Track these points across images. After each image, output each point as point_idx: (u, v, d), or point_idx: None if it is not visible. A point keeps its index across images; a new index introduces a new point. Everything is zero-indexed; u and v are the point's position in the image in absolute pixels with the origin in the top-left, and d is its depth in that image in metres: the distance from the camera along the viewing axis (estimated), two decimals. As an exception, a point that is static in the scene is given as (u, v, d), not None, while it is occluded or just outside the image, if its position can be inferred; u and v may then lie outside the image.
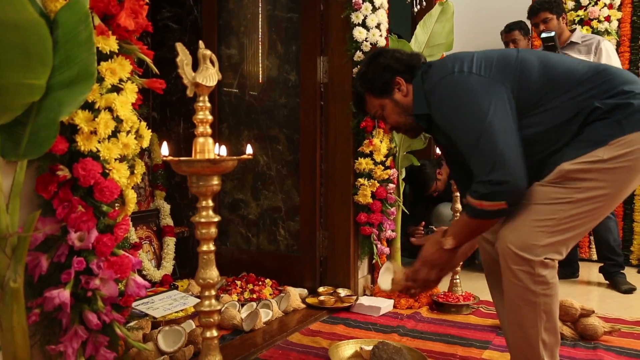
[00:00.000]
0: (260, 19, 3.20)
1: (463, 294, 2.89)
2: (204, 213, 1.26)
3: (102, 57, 1.41)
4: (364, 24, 2.85)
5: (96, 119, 1.38)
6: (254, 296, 2.84)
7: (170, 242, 3.18)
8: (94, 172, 1.38)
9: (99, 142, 1.40)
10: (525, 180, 1.52)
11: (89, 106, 1.38)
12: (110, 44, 1.41)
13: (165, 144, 1.29)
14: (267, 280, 3.00)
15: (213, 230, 1.27)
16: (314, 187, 3.03)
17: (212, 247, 1.27)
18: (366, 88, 1.86)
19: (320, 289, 2.97)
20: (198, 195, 1.29)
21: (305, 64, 3.02)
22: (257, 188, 3.25)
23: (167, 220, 3.22)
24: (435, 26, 2.98)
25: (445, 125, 1.66)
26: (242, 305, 2.73)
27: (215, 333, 1.45)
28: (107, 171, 1.42)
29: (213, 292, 1.33)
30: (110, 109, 1.41)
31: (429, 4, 3.70)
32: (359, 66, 1.90)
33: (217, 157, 1.23)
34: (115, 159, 1.44)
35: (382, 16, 2.91)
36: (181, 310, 2.61)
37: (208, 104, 1.31)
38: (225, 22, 3.27)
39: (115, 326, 1.45)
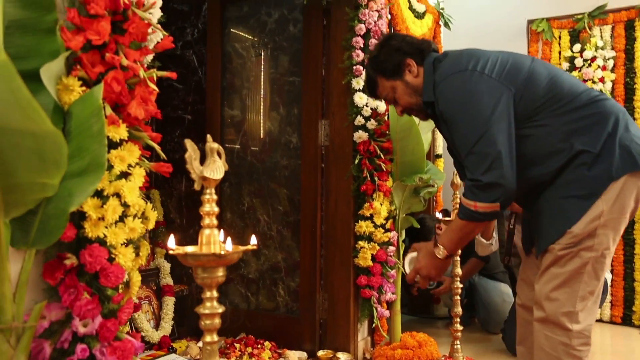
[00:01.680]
0: (262, 82, 3.28)
1: (464, 359, 2.88)
2: (208, 304, 1.28)
3: (112, 144, 1.46)
4: (364, 90, 2.93)
5: (104, 206, 1.42)
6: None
7: (169, 302, 3.18)
8: (100, 258, 1.41)
9: (106, 227, 1.43)
10: (515, 186, 1.59)
11: (97, 193, 1.42)
12: (120, 132, 1.45)
13: (172, 237, 1.31)
14: (266, 343, 2.99)
15: (217, 321, 1.29)
16: (315, 248, 3.04)
17: (215, 338, 1.29)
18: (378, 70, 1.95)
19: (320, 353, 2.95)
20: (203, 286, 1.31)
21: (306, 126, 3.08)
22: (257, 247, 3.26)
23: (167, 280, 3.22)
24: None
25: (447, 118, 1.71)
26: (241, 370, 2.71)
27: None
28: (113, 256, 1.45)
29: (216, 382, 1.34)
30: (118, 195, 1.45)
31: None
32: (371, 51, 2.07)
33: (223, 252, 1.25)
34: (122, 244, 1.47)
35: (382, 82, 2.98)
36: (179, 377, 2.59)
37: (215, 196, 1.34)
38: (229, 83, 3.35)
39: (116, 412, 1.45)
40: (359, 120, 2.92)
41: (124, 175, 1.49)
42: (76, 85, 1.38)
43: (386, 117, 3.00)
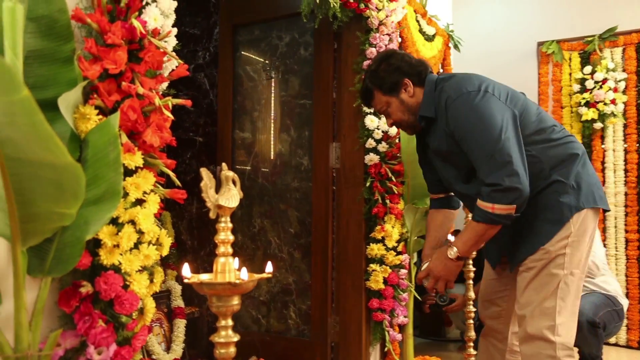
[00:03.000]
0: (273, 104, 3.30)
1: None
2: (223, 333, 1.28)
3: (128, 172, 1.47)
4: (375, 113, 2.94)
5: (119, 233, 1.43)
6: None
7: (180, 325, 3.16)
8: (115, 286, 1.41)
9: (121, 254, 1.44)
10: (529, 191, 1.73)
11: (113, 221, 1.43)
12: (135, 160, 1.47)
13: (186, 266, 1.32)
14: (278, 367, 2.97)
15: (232, 349, 1.29)
16: (326, 271, 3.03)
17: (230, 365, 1.29)
18: (376, 85, 2.03)
19: (332, 377, 2.92)
20: (218, 314, 1.31)
21: (317, 149, 3.09)
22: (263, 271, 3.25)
23: (178, 302, 3.22)
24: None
25: (460, 133, 1.83)
26: (252, 394, 2.69)
27: None
28: (127, 283, 1.45)
29: (231, 412, 1.33)
30: (133, 222, 1.46)
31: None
32: (370, 64, 2.10)
33: (238, 281, 1.25)
34: (137, 271, 1.47)
35: (393, 104, 2.99)
36: (190, 401, 2.57)
37: (230, 224, 1.35)
38: (240, 105, 3.38)
39: None
40: (370, 143, 2.93)
41: (139, 202, 1.50)
42: (93, 113, 1.40)
43: (397, 140, 3.00)
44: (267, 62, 3.32)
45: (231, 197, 1.33)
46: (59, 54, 1.43)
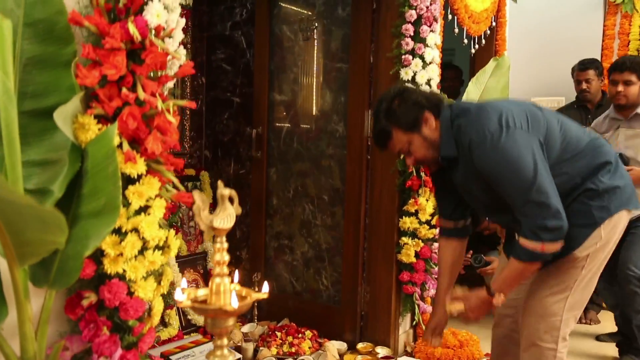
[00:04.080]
0: (310, 66, 3.18)
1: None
2: (218, 352, 1.28)
3: (130, 180, 1.45)
4: (413, 80, 2.78)
5: (122, 243, 1.42)
6: (293, 350, 2.87)
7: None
8: (119, 294, 1.43)
9: (125, 262, 1.44)
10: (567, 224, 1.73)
11: (115, 230, 1.43)
12: (138, 168, 1.44)
13: (178, 290, 1.31)
14: (307, 332, 3.01)
15: (227, 367, 1.29)
16: (357, 241, 3.01)
17: (225, 382, 1.30)
18: (394, 123, 1.85)
19: (360, 346, 2.96)
20: (213, 334, 1.31)
21: (353, 116, 2.99)
22: (302, 235, 3.27)
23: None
24: (490, 81, 2.87)
25: (492, 177, 1.77)
26: (280, 360, 2.77)
27: None
28: (132, 290, 1.46)
29: None
30: (137, 230, 1.45)
31: (489, 45, 3.58)
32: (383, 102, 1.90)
33: (232, 309, 1.23)
34: (142, 277, 1.48)
35: (432, 71, 2.82)
36: (219, 366, 2.67)
37: (225, 245, 1.31)
38: (276, 67, 3.28)
39: None
40: (407, 113, 2.79)
41: (144, 208, 1.48)
42: (92, 123, 1.37)
43: (436, 109, 2.85)
44: (303, 22, 3.17)
45: (226, 217, 1.29)
46: (59, 57, 1.39)
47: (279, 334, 2.99)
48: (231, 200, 1.33)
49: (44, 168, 1.35)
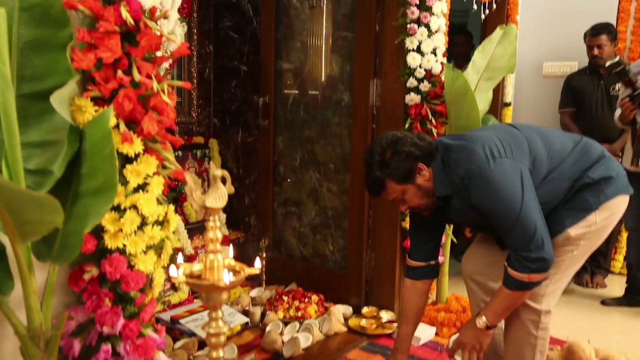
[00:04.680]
0: (316, 35, 3.17)
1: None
2: (213, 324, 1.35)
3: (128, 159, 1.50)
4: (418, 50, 2.77)
5: (122, 219, 1.49)
6: (299, 314, 2.96)
7: (224, 251, 3.34)
8: (120, 267, 1.50)
9: (125, 237, 1.51)
10: (552, 251, 1.78)
11: (115, 208, 1.49)
12: (135, 147, 1.49)
13: (173, 267, 1.37)
14: (314, 297, 3.10)
15: (222, 339, 1.36)
16: (363, 209, 3.05)
17: (221, 353, 1.37)
18: (388, 175, 1.85)
19: (365, 310, 3.04)
20: (208, 307, 1.38)
21: (358, 85, 2.99)
22: (309, 202, 3.32)
23: (223, 230, 3.38)
24: (497, 49, 2.82)
25: (486, 209, 1.81)
26: (286, 324, 2.86)
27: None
28: (132, 264, 1.53)
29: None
30: (135, 207, 1.52)
31: (500, 10, 3.52)
32: (376, 153, 1.86)
33: (224, 285, 1.29)
34: (142, 251, 1.55)
35: (439, 40, 2.80)
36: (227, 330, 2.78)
37: (218, 223, 1.37)
38: (282, 34, 3.28)
39: (141, 398, 1.61)
40: (412, 82, 2.80)
41: (142, 186, 1.54)
42: (89, 106, 1.41)
43: (442, 78, 2.84)
44: (310, -12, 3.15)
45: (219, 197, 1.34)
46: (56, 40, 1.43)
47: (285, 298, 3.08)
48: (223, 180, 1.38)
49: (44, 149, 1.40)
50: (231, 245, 1.52)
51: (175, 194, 3.28)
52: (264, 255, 3.30)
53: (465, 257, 2.21)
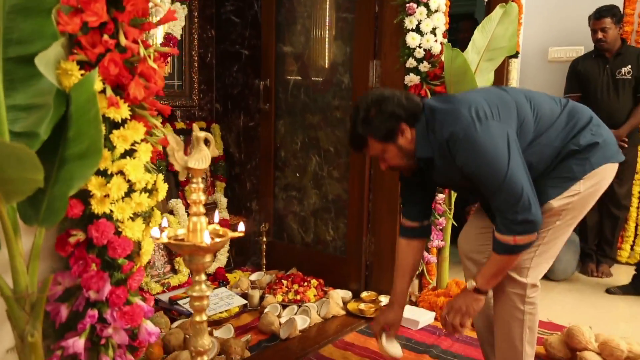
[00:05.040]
0: (316, 18, 3.17)
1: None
2: (197, 287, 1.36)
3: (115, 125, 1.51)
4: (417, 29, 2.76)
5: (108, 184, 1.49)
6: (298, 297, 2.96)
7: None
8: (106, 233, 1.50)
9: (112, 203, 1.52)
10: (541, 213, 1.77)
11: (101, 172, 1.49)
12: (122, 112, 1.49)
13: (155, 228, 1.37)
14: (313, 281, 3.10)
15: (205, 302, 1.37)
16: (362, 192, 3.05)
17: (204, 317, 1.37)
18: (370, 132, 1.87)
19: (364, 294, 3.03)
20: (191, 270, 1.38)
21: (358, 67, 2.99)
22: (309, 187, 3.32)
23: (224, 214, 3.39)
24: (497, 29, 2.80)
25: (469, 171, 1.79)
26: (284, 307, 2.86)
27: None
28: (120, 230, 1.54)
29: (205, 358, 1.44)
30: (122, 172, 1.52)
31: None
32: (360, 111, 1.88)
33: (205, 245, 1.30)
34: (129, 218, 1.56)
35: (438, 20, 2.79)
36: (225, 311, 2.79)
37: (201, 185, 1.37)
38: (283, 18, 3.28)
39: (128, 367, 1.61)
40: (411, 63, 2.79)
41: (130, 152, 1.54)
42: (75, 69, 1.42)
43: (442, 58, 2.82)
44: (310, -30, 3.15)
45: (201, 158, 1.34)
46: (43, 5, 1.43)
47: (285, 282, 3.09)
48: (207, 142, 1.38)
49: (30, 112, 1.41)
50: (217, 211, 1.52)
51: (177, 178, 3.29)
52: (264, 239, 3.30)
53: (461, 236, 2.21)
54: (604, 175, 1.86)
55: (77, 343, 1.49)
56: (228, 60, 3.56)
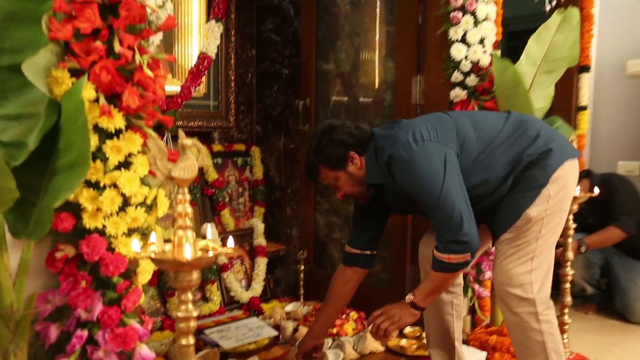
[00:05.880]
0: (357, 33, 3.14)
1: (572, 356, 2.62)
2: (183, 307, 1.30)
3: (109, 135, 1.51)
4: (463, 40, 2.65)
5: (100, 197, 1.49)
6: (334, 331, 2.86)
7: (261, 263, 3.32)
8: (98, 249, 1.50)
9: (105, 218, 1.51)
10: (477, 234, 1.87)
11: (93, 185, 1.49)
12: (116, 122, 1.50)
13: (135, 240, 1.33)
14: (353, 313, 2.99)
15: (192, 324, 1.31)
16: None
17: (191, 341, 1.32)
18: (321, 161, 2.04)
19: (407, 330, 2.89)
20: (177, 289, 1.33)
21: (400, 83, 2.91)
22: (348, 211, 3.24)
23: (260, 240, 3.36)
24: (555, 37, 2.65)
25: (410, 191, 1.92)
26: (319, 341, 2.77)
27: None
28: (113, 246, 1.53)
29: (191, 386, 1.38)
30: (116, 185, 1.52)
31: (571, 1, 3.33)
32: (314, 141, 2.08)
33: (186, 260, 1.25)
34: (123, 233, 1.54)
35: (487, 29, 2.67)
36: (253, 342, 2.73)
37: (188, 196, 1.33)
38: (323, 34, 3.27)
39: (121, 394, 1.58)
40: (457, 77, 2.68)
41: (126, 164, 1.54)
42: (66, 77, 1.44)
43: (492, 71, 2.70)
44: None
45: (187, 167, 1.30)
46: (37, 14, 1.46)
47: (322, 314, 2.99)
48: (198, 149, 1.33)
49: (20, 122, 1.44)
50: (209, 226, 1.48)
51: (213, 202, 3.31)
52: (302, 267, 3.24)
53: (422, 242, 2.31)
54: (568, 174, 1.94)
55: (64, 366, 1.48)
56: (268, 80, 3.57)
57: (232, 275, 3.19)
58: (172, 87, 3.03)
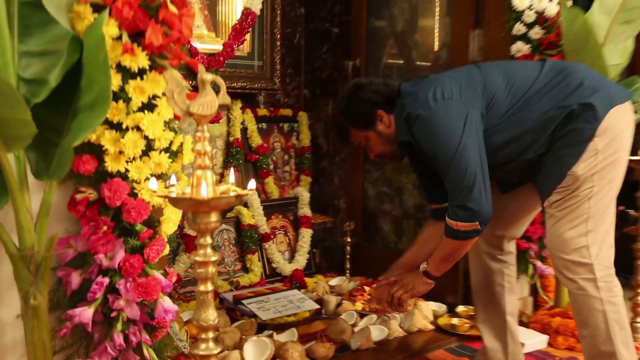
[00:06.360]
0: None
1: (642, 341, 2.51)
2: (201, 251, 1.32)
3: (132, 75, 1.54)
4: (526, -3, 2.57)
5: (122, 139, 1.53)
6: (380, 307, 2.84)
7: (305, 234, 3.34)
8: (120, 193, 1.53)
9: (128, 162, 1.55)
10: (488, 204, 1.88)
11: (116, 126, 1.53)
12: (138, 61, 1.53)
13: (153, 179, 1.35)
14: (368, 289, 2.99)
15: (211, 269, 1.32)
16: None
17: (209, 287, 1.33)
18: (350, 122, 2.11)
19: (460, 308, 2.85)
20: (196, 231, 1.35)
21: (456, 38, 2.85)
22: (404, 182, 3.21)
23: (305, 210, 3.37)
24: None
25: (426, 149, 1.97)
26: (363, 316, 2.77)
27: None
28: (135, 191, 1.57)
29: (210, 335, 1.39)
30: (139, 128, 1.55)
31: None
32: (341, 102, 2.14)
33: (202, 199, 1.26)
34: (146, 179, 1.58)
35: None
36: (293, 315, 2.75)
37: (207, 134, 1.34)
38: (375, -12, 3.23)
39: (143, 347, 1.62)
40: (519, 29, 2.60)
41: (150, 106, 1.57)
42: (88, 12, 1.47)
43: (559, 22, 2.60)
44: None
45: (207, 103, 1.31)
46: (60, -53, 1.51)
47: (367, 289, 2.99)
48: (218, 85, 1.34)
49: (42, 59, 1.49)
50: (232, 169, 1.49)
51: (256, 169, 3.34)
52: (349, 240, 3.23)
53: None
54: (618, 122, 1.87)
55: (84, 313, 1.53)
56: (317, 40, 3.56)
57: (274, 246, 3.22)
58: (215, 45, 3.07)
